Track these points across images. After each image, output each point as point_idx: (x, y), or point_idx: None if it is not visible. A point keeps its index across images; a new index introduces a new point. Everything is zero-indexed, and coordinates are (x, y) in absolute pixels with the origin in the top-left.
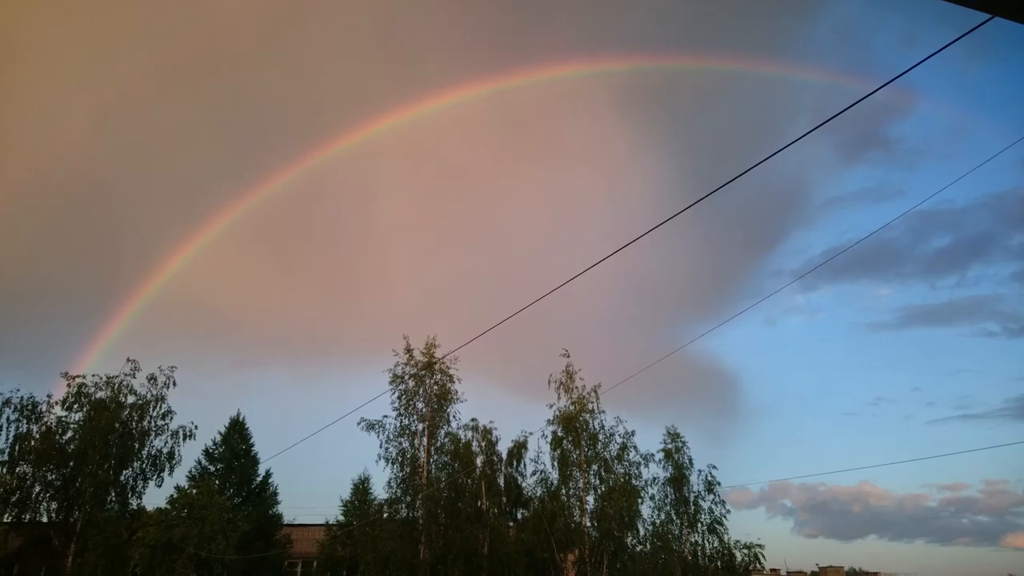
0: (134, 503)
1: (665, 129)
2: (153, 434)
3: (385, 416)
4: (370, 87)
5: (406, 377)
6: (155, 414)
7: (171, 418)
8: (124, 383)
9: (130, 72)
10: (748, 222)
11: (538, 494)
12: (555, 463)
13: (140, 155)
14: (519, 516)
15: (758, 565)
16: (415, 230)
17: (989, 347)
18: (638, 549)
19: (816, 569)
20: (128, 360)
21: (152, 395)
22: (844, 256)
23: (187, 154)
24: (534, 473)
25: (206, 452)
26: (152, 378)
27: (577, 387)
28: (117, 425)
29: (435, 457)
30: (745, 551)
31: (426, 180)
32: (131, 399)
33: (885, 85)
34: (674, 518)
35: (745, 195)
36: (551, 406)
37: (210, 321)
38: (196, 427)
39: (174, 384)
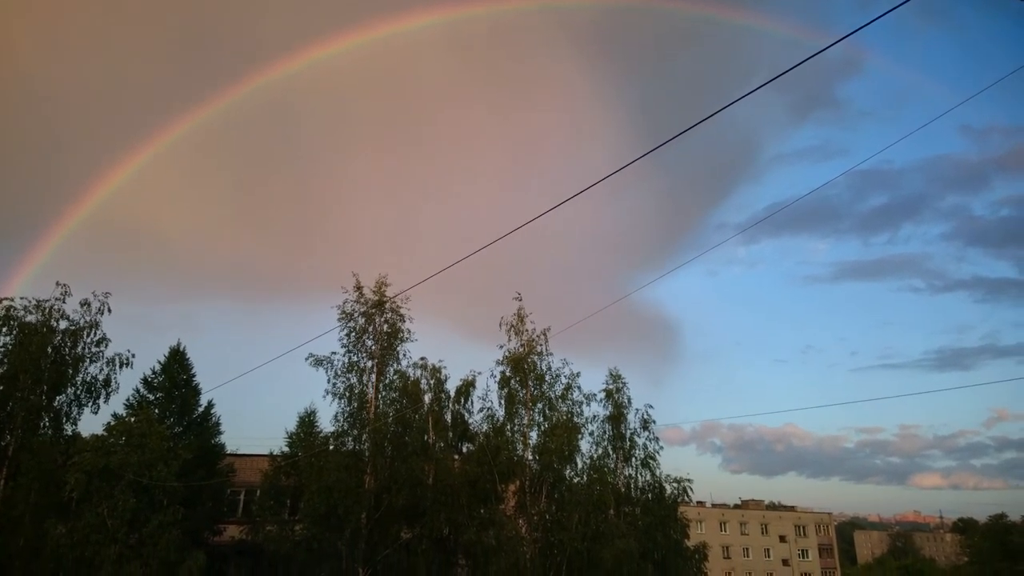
0: (69, 429)
1: (628, 75)
2: (88, 361)
3: (333, 353)
4: (326, 8)
5: (356, 315)
6: (89, 341)
7: (106, 345)
8: (55, 308)
9: None
10: (700, 176)
11: (484, 429)
12: (502, 401)
13: (79, 65)
14: (464, 450)
15: (686, 498)
16: (373, 164)
17: (914, 302)
18: (575, 481)
19: (739, 502)
20: (58, 284)
21: (85, 321)
22: (786, 211)
23: (132, 65)
24: (481, 410)
25: (145, 381)
26: (85, 303)
27: (527, 330)
28: (49, 350)
29: (383, 393)
30: (675, 484)
31: (385, 114)
32: (63, 324)
33: (833, 44)
34: (611, 453)
35: (699, 148)
36: (502, 347)
37: (152, 248)
38: (133, 355)
39: (109, 311)
